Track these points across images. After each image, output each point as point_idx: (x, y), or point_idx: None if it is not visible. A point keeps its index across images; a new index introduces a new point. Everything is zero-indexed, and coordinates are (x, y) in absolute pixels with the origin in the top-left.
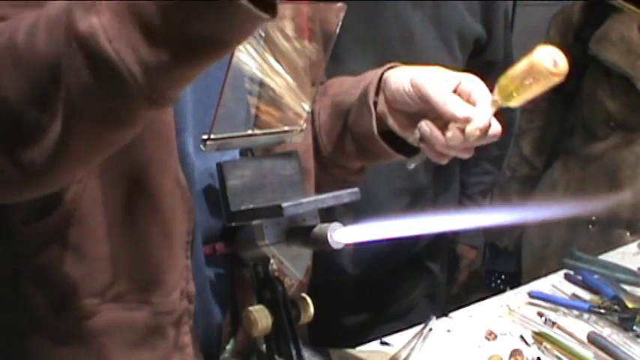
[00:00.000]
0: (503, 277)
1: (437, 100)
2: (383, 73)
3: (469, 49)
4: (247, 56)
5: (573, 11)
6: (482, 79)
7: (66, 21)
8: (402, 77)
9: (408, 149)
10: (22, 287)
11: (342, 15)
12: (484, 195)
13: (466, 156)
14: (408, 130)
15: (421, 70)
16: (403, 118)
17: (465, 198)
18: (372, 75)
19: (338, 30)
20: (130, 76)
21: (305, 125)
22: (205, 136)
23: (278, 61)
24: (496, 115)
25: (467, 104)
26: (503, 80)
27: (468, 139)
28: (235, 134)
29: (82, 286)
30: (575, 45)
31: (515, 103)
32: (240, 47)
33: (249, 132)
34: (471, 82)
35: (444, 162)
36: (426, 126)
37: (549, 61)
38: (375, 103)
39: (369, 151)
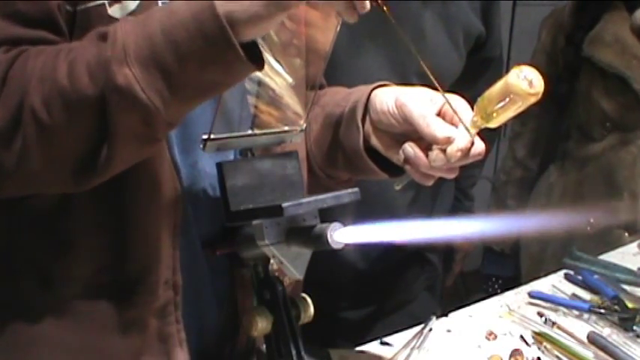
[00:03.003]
0: (500, 281)
1: (419, 122)
2: (371, 92)
3: (471, 45)
4: None
5: (564, 14)
6: (480, 74)
7: (105, 72)
8: (387, 97)
9: (394, 167)
10: (13, 260)
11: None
12: (472, 187)
13: (451, 176)
14: (392, 150)
15: (407, 90)
16: (388, 139)
17: (458, 192)
18: (362, 91)
19: (338, 29)
20: (157, 112)
21: (305, 125)
22: (205, 136)
23: (278, 61)
24: (479, 133)
25: (448, 126)
26: (481, 101)
27: (450, 160)
28: (235, 134)
29: (68, 267)
30: (567, 48)
31: (494, 123)
32: None
33: (249, 132)
34: (455, 103)
35: (429, 183)
36: (409, 148)
37: (524, 82)
38: (363, 121)
39: (356, 165)
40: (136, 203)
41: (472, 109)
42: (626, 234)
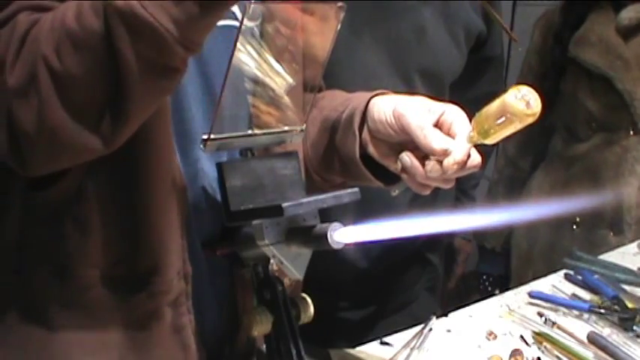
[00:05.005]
0: (491, 279)
1: (416, 133)
2: (369, 100)
3: (471, 43)
4: (247, 56)
5: (555, 15)
6: (481, 72)
7: (105, 1)
8: (385, 106)
9: (390, 175)
10: (27, 252)
11: (342, 15)
12: (475, 188)
13: (447, 186)
14: (389, 159)
15: (405, 100)
16: (385, 148)
17: (459, 192)
18: (360, 99)
19: (338, 29)
20: (167, 32)
21: (305, 126)
22: (205, 136)
23: (278, 61)
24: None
25: (446, 137)
26: (479, 117)
27: (446, 172)
28: (235, 134)
29: (84, 259)
30: (554, 47)
31: (491, 140)
32: (240, 47)
33: (249, 132)
34: (454, 113)
35: (426, 192)
36: (406, 157)
37: (522, 103)
38: (361, 129)
39: (351, 172)
40: (149, 192)
41: (470, 111)
42: (611, 234)
